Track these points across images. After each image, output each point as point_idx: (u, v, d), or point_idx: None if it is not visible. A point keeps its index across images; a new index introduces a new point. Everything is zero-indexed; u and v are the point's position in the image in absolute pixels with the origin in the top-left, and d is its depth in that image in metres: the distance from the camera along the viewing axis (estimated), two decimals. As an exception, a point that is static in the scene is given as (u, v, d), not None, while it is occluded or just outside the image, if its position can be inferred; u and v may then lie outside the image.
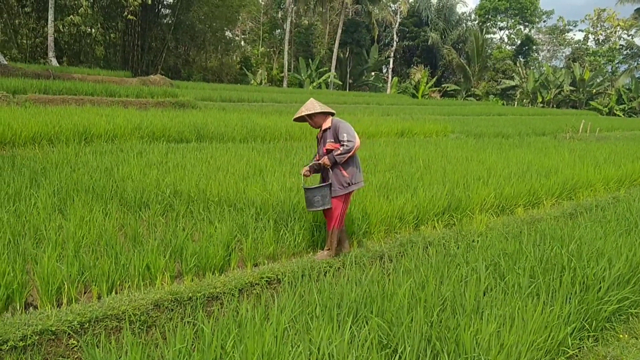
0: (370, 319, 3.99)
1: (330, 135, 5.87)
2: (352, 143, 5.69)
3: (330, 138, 5.86)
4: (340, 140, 5.75)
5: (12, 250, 5.06)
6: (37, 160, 9.35)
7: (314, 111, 5.86)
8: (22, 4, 38.80)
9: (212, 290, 4.93)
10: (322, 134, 5.96)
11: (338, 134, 5.77)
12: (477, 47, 65.78)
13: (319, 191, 5.76)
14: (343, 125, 5.81)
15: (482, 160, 12.68)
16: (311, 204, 5.80)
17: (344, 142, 5.69)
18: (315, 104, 5.90)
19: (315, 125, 5.98)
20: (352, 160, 5.91)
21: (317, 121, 5.94)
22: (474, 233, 7.07)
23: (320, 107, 5.89)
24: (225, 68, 56.47)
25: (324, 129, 5.92)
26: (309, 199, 5.80)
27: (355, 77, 64.31)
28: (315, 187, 5.78)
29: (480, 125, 24.95)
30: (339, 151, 5.71)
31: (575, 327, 4.30)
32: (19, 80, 21.01)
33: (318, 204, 5.76)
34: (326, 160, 5.79)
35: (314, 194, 5.76)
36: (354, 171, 5.90)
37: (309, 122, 5.99)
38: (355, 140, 5.73)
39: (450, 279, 4.80)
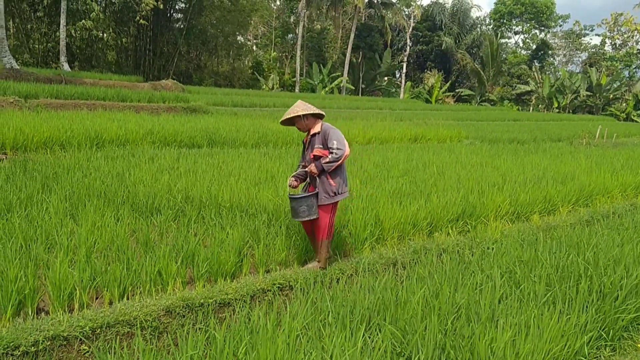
0: (384, 326, 3.98)
1: (318, 140, 5.63)
2: (342, 151, 5.47)
3: (318, 144, 5.62)
4: (329, 148, 5.51)
5: (24, 256, 5.10)
6: (49, 165, 9.42)
7: (311, 112, 5.63)
8: (34, 8, 39.12)
9: (224, 297, 4.94)
10: (310, 139, 5.74)
11: (327, 140, 5.53)
12: (491, 52, 65.60)
13: (304, 201, 5.55)
14: (333, 131, 5.58)
15: (497, 166, 12.63)
16: (296, 213, 5.61)
17: (333, 150, 5.46)
18: (308, 105, 5.69)
19: (305, 128, 5.74)
20: (340, 170, 5.70)
21: (307, 124, 5.71)
22: (489, 240, 7.04)
23: (313, 109, 5.67)
24: (237, 73, 56.59)
25: (312, 133, 5.70)
26: (295, 209, 5.61)
27: (368, 82, 64.31)
28: (301, 197, 5.57)
29: (495, 130, 24.85)
30: (327, 159, 5.48)
31: (592, 336, 4.27)
32: (31, 85, 21.19)
33: (304, 214, 5.56)
34: (313, 168, 5.57)
35: (300, 203, 5.56)
36: (339, 181, 5.68)
37: (299, 124, 5.72)
38: (345, 148, 5.52)
39: (465, 287, 4.79)
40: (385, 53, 62.77)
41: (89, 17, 37.51)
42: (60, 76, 26.53)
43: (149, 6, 37.70)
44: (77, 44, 40.94)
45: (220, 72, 55.80)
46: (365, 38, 62.15)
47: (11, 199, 6.94)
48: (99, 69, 41.04)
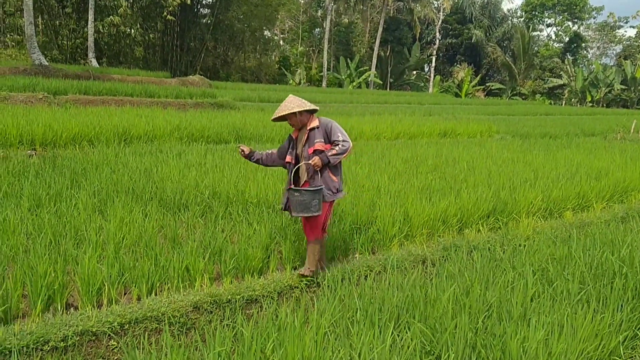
0: (413, 324, 3.96)
1: (319, 135, 5.38)
2: (348, 143, 5.30)
3: (319, 138, 5.36)
4: (333, 141, 5.32)
5: (53, 251, 5.18)
6: (77, 161, 9.55)
7: (305, 108, 5.37)
8: (63, 5, 39.67)
9: (251, 293, 4.97)
10: (308, 134, 5.43)
11: (330, 134, 5.34)
12: (523, 45, 64.87)
13: (318, 194, 5.18)
14: (336, 125, 5.42)
15: (528, 161, 12.49)
16: (307, 207, 5.15)
17: (339, 142, 5.27)
18: (303, 101, 5.44)
19: (300, 123, 5.47)
20: (339, 167, 5.52)
21: (302, 119, 5.44)
22: (521, 237, 6.97)
23: (309, 105, 5.43)
24: (263, 68, 56.78)
25: (310, 127, 5.43)
26: (307, 203, 5.13)
27: (396, 76, 64.06)
28: (314, 190, 5.17)
29: (527, 125, 24.56)
30: (334, 151, 5.25)
31: (627, 336, 4.19)
32: (59, 81, 21.50)
33: (315, 209, 5.17)
34: (317, 161, 5.23)
35: (314, 197, 5.15)
36: (339, 177, 5.50)
37: (292, 120, 5.45)
38: (350, 141, 5.35)
39: (496, 285, 4.74)
40: (414, 47, 62.45)
41: (116, 13, 37.95)
42: (89, 72, 26.88)
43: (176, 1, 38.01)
44: (105, 40, 41.42)
45: (247, 67, 56.04)
46: (394, 31, 61.89)
47: (40, 194, 7.06)
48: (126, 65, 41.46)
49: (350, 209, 7.03)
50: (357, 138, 16.58)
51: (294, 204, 5.24)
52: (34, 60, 26.20)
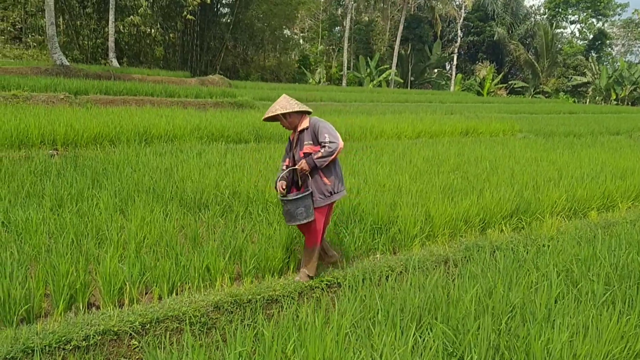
0: (435, 325, 3.95)
1: (307, 136, 5.19)
2: (335, 144, 5.02)
3: (307, 140, 5.18)
4: (320, 142, 5.08)
5: (75, 251, 5.24)
6: (98, 161, 9.65)
7: (291, 110, 5.16)
8: (84, 5, 40.07)
9: (272, 293, 4.98)
10: (298, 136, 5.27)
11: (318, 134, 5.10)
12: (546, 42, 64.27)
13: (302, 202, 5.03)
14: (323, 124, 5.16)
15: (552, 160, 12.38)
16: (293, 216, 5.06)
17: (326, 144, 5.02)
18: (291, 102, 5.24)
19: (290, 126, 5.30)
20: (333, 166, 5.27)
21: (292, 121, 5.26)
22: (544, 237, 6.91)
23: (298, 106, 5.22)
24: (283, 67, 56.86)
25: (300, 129, 5.25)
26: (291, 212, 5.05)
27: (417, 74, 63.79)
28: (296, 198, 5.03)
29: (550, 124, 24.34)
30: (319, 154, 5.02)
31: (654, 339, 4.15)
32: (80, 81, 21.72)
33: (302, 217, 5.04)
34: (304, 164, 5.09)
35: (297, 205, 5.02)
36: (334, 178, 5.26)
37: (282, 122, 5.28)
38: (338, 141, 5.07)
39: (520, 285, 4.71)
40: (435, 45, 62.16)
41: (137, 12, 38.23)
42: (109, 72, 27.11)
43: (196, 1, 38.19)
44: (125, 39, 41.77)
45: (267, 66, 56.17)
46: (415, 29, 61.65)
47: (62, 194, 7.15)
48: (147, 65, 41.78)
49: (371, 208, 7.02)
50: (377, 137, 16.55)
51: (283, 214, 5.20)
52: (55, 60, 26.49)
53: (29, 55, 38.56)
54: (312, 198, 5.13)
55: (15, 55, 37.25)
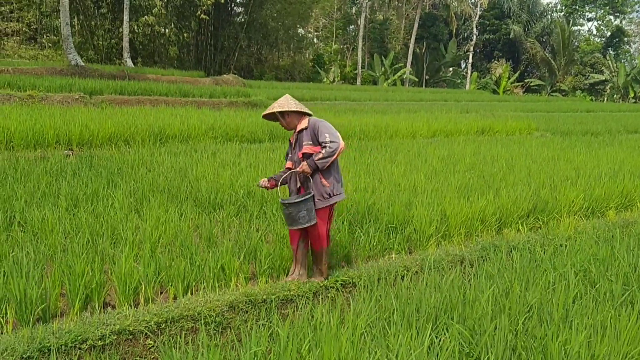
0: (451, 326, 3.94)
1: (306, 137, 5.10)
2: (336, 144, 4.92)
3: (307, 140, 5.10)
4: (321, 142, 4.97)
5: (90, 250, 5.28)
6: (113, 161, 9.72)
7: (288, 109, 5.12)
8: (98, 5, 40.35)
9: (287, 293, 4.98)
10: (297, 136, 5.22)
11: (318, 134, 5.00)
12: (563, 40, 63.78)
13: (304, 205, 4.93)
14: (323, 124, 5.06)
15: (569, 159, 12.30)
16: (295, 220, 4.97)
17: (327, 144, 4.91)
18: (290, 102, 5.19)
19: (288, 126, 5.25)
20: (333, 168, 5.17)
21: (290, 121, 5.21)
22: (562, 237, 6.86)
23: (296, 106, 5.17)
24: (297, 66, 56.89)
25: (299, 129, 5.18)
26: (293, 216, 4.96)
27: (432, 73, 63.59)
28: (298, 201, 4.94)
29: (567, 122, 24.17)
30: (320, 155, 4.91)
31: (674, 340, 4.11)
32: (95, 81, 21.89)
33: (304, 220, 4.95)
34: (306, 167, 4.99)
35: (299, 208, 4.92)
36: (334, 180, 5.16)
37: (281, 121, 5.24)
38: (339, 141, 4.97)
39: (537, 286, 4.68)
40: (450, 43, 61.89)
41: (151, 12, 38.44)
42: (124, 72, 27.27)
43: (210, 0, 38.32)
44: (139, 39, 41.98)
45: (281, 65, 56.25)
46: (430, 28, 61.42)
47: (78, 194, 7.21)
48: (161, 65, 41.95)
49: (386, 208, 7.01)
50: (392, 136, 16.53)
51: (284, 218, 5.14)
52: (70, 60, 26.70)
53: (44, 55, 38.92)
54: (313, 201, 5.03)
55: (30, 56, 37.61)
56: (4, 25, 38.62)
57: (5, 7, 38.87)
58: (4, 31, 38.80)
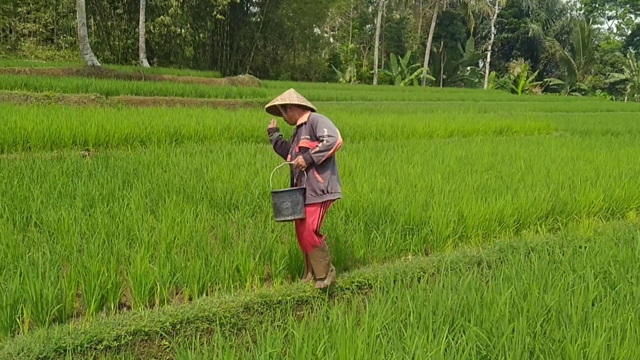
0: (468, 328, 3.92)
1: (305, 131, 5.06)
2: (333, 139, 4.83)
3: (305, 135, 5.05)
4: (318, 137, 4.91)
5: (106, 251, 5.32)
6: (129, 161, 9.78)
7: (289, 102, 5.07)
8: (114, 5, 40.63)
9: (302, 294, 4.99)
10: (296, 130, 5.23)
11: (316, 129, 4.95)
12: (582, 39, 63.29)
13: (288, 196, 4.88)
14: (322, 119, 5.00)
15: (589, 159, 12.20)
16: (279, 211, 4.92)
17: (324, 138, 4.84)
18: (293, 95, 5.14)
19: (290, 120, 5.22)
20: (329, 164, 5.07)
21: (291, 115, 5.18)
22: (581, 238, 6.81)
23: (298, 100, 5.11)
24: (313, 66, 56.91)
25: (298, 124, 5.17)
26: (277, 206, 4.92)
27: (449, 72, 63.36)
28: (284, 191, 4.92)
29: (587, 122, 23.98)
30: (317, 148, 4.86)
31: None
32: (111, 81, 22.06)
33: (287, 212, 4.88)
34: (301, 160, 4.91)
35: (283, 199, 4.88)
36: (329, 177, 5.04)
37: (283, 115, 5.24)
38: (337, 136, 4.88)
39: (555, 288, 4.65)
40: (468, 42, 61.65)
41: (167, 13, 38.62)
42: (140, 72, 27.45)
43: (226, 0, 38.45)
44: (155, 40, 42.21)
45: (297, 65, 56.29)
46: (447, 26, 61.22)
47: (94, 194, 7.26)
48: (177, 65, 42.17)
49: (402, 208, 6.99)
50: (409, 136, 16.50)
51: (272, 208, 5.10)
52: (86, 61, 26.90)
53: (61, 56, 39.25)
54: (303, 195, 4.95)
55: (47, 57, 37.96)
56: (21, 26, 39.02)
57: (22, 8, 39.24)
58: (21, 32, 39.20)
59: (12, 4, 38.36)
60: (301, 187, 4.98)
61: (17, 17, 39.15)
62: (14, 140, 10.97)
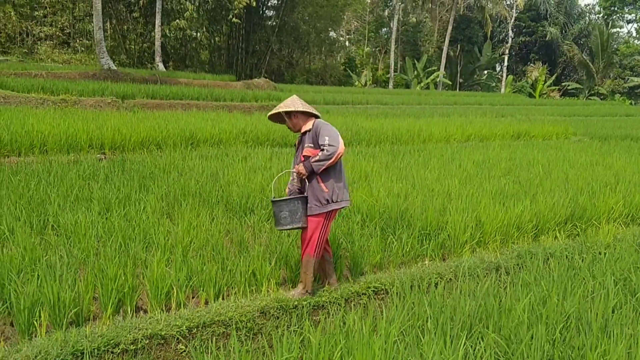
0: (486, 334, 3.91)
1: (308, 139, 4.98)
2: (334, 148, 4.76)
3: (308, 143, 4.98)
4: (320, 145, 4.84)
5: (123, 254, 5.35)
6: (145, 165, 9.84)
7: (294, 109, 5.00)
8: (130, 9, 40.96)
9: (318, 299, 4.99)
10: (301, 139, 5.15)
11: (318, 136, 4.86)
12: (601, 42, 62.81)
13: (286, 206, 4.83)
14: (325, 127, 4.91)
15: (608, 164, 12.11)
16: (277, 220, 4.90)
17: (325, 147, 4.77)
18: (296, 102, 5.08)
19: (294, 127, 5.13)
20: (334, 171, 4.98)
21: (296, 123, 5.09)
22: (601, 244, 6.75)
23: (303, 106, 5.04)
24: (329, 70, 56.98)
25: (303, 131, 5.08)
26: (276, 215, 4.89)
27: (466, 76, 63.15)
28: (282, 200, 4.87)
29: (606, 126, 23.81)
30: (317, 157, 4.80)
31: None
32: (127, 85, 22.23)
33: (285, 222, 4.83)
34: (301, 168, 4.90)
35: (281, 208, 4.83)
36: (334, 185, 4.94)
37: (287, 122, 5.14)
38: (339, 145, 4.80)
39: (575, 295, 4.62)
40: (485, 45, 61.41)
41: (183, 16, 38.83)
42: (156, 76, 27.64)
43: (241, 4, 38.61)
44: (171, 43, 42.50)
45: (312, 69, 56.41)
46: (464, 30, 61.04)
47: (110, 198, 7.31)
48: (192, 69, 42.44)
49: (419, 213, 6.98)
50: (425, 140, 16.46)
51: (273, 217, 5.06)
52: (102, 64, 27.15)
53: (77, 59, 39.58)
54: (303, 204, 4.88)
55: (63, 60, 38.30)
56: (38, 30, 39.39)
57: (39, 11, 39.62)
58: (37, 35, 39.59)
59: (29, 7, 38.75)
60: (301, 195, 4.92)
61: (34, 20, 39.53)
62: (31, 143, 11.08)
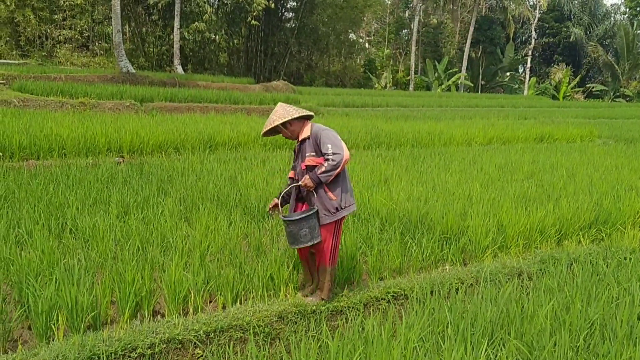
0: (508, 341, 3.88)
1: (309, 147, 4.83)
2: (339, 156, 4.64)
3: (309, 151, 4.82)
4: (323, 154, 4.70)
5: (140, 258, 5.38)
6: (163, 168, 9.91)
7: (290, 117, 4.80)
8: (149, 12, 41.27)
9: (336, 304, 4.99)
10: (300, 146, 4.96)
11: (320, 144, 4.72)
12: (627, 43, 62.15)
13: (306, 222, 4.67)
14: (326, 133, 4.78)
15: (634, 168, 11.98)
16: (296, 239, 4.74)
17: (329, 156, 4.63)
18: (288, 109, 4.87)
19: (292, 135, 4.95)
20: (340, 179, 4.87)
21: (293, 130, 4.91)
22: (626, 250, 6.67)
23: (297, 111, 4.85)
24: (348, 72, 56.99)
25: (301, 138, 4.90)
26: (293, 234, 4.73)
27: (488, 78, 62.81)
28: (300, 218, 4.69)
29: (632, 129, 23.54)
30: (322, 168, 4.64)
31: None
32: (146, 88, 22.37)
33: (306, 239, 4.70)
34: (308, 181, 4.72)
35: (300, 226, 4.67)
36: (341, 192, 4.85)
37: (284, 133, 4.96)
38: (343, 152, 4.68)
39: (599, 301, 4.57)
40: (508, 47, 61.04)
41: (201, 19, 39.06)
42: (174, 79, 27.81)
43: (260, 6, 38.76)
44: (190, 46, 42.71)
45: (332, 71, 56.43)
46: (486, 31, 60.71)
47: (128, 201, 7.37)
48: (211, 71, 42.66)
49: (439, 217, 6.95)
50: (446, 143, 16.40)
51: (286, 236, 4.93)
52: (121, 67, 27.36)
53: (96, 62, 40.01)
54: (317, 217, 4.78)
55: (82, 63, 38.71)
56: (57, 33, 39.86)
57: (58, 15, 40.07)
58: (56, 39, 40.06)
59: (49, 11, 39.21)
60: (314, 209, 4.76)
61: (53, 24, 40.00)
62: (49, 146, 11.20)
